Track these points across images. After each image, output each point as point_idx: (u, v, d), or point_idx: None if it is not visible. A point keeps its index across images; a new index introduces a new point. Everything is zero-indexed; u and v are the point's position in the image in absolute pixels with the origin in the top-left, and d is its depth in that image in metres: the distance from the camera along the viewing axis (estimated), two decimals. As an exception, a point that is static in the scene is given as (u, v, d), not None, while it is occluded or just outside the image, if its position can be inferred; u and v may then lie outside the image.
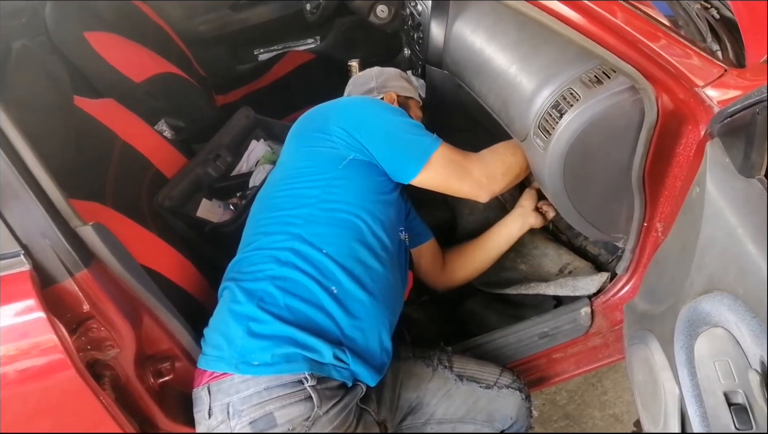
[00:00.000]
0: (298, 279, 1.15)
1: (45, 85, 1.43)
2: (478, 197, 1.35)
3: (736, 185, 0.93)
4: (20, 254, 1.00)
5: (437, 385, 1.36)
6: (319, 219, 1.22)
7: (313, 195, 1.24)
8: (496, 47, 1.37)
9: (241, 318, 1.12)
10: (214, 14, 2.66)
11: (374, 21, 2.08)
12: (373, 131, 1.30)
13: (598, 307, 1.52)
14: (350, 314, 1.16)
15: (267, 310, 1.12)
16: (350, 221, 1.23)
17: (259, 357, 1.08)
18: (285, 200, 1.27)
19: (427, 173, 1.29)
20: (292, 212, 1.23)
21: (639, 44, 1.08)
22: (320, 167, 1.28)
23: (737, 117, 0.94)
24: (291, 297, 1.13)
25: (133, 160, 1.62)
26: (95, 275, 1.05)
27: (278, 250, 1.19)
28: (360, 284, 1.18)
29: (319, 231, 1.20)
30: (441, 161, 1.30)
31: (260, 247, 1.22)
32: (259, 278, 1.16)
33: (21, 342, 1.01)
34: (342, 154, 1.28)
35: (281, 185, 1.31)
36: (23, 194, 0.99)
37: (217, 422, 1.09)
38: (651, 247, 1.34)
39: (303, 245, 1.18)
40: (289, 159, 1.36)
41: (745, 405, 0.87)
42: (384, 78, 1.60)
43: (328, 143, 1.29)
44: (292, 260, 1.17)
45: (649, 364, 1.14)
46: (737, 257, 0.88)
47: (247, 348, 1.09)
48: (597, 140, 1.20)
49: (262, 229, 1.26)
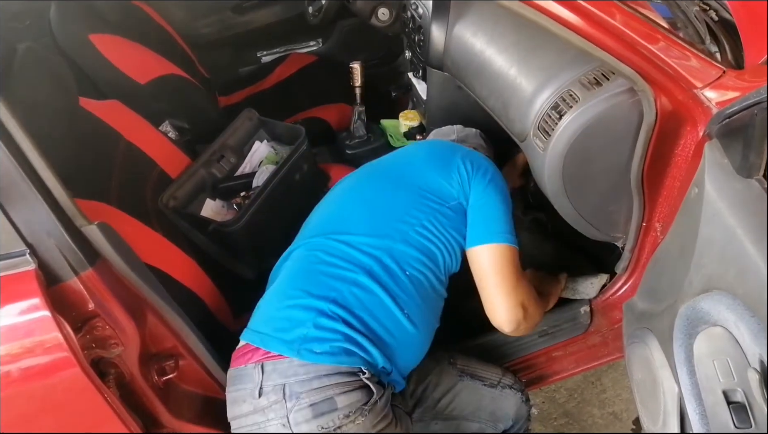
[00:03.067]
0: (376, 293, 1.15)
1: (50, 86, 1.44)
2: (503, 319, 1.24)
3: (735, 186, 0.93)
4: (26, 253, 1.01)
5: (441, 379, 1.37)
6: (412, 242, 1.21)
7: (415, 219, 1.23)
8: (496, 49, 1.38)
9: (310, 310, 1.13)
10: (217, 17, 2.67)
11: (376, 24, 2.09)
12: (487, 185, 1.29)
13: (598, 306, 1.53)
14: (409, 340, 1.18)
15: (337, 313, 1.12)
16: (435, 254, 1.23)
17: (321, 346, 1.09)
18: (387, 211, 1.26)
19: (493, 251, 1.24)
20: (391, 224, 1.23)
21: (638, 46, 1.08)
22: (432, 197, 1.27)
23: (736, 118, 0.95)
24: (363, 310, 1.14)
25: (138, 160, 1.63)
26: (100, 274, 1.06)
27: (366, 256, 1.18)
28: (429, 315, 1.22)
29: (408, 252, 1.20)
30: (509, 255, 1.24)
31: (350, 243, 1.20)
32: (338, 278, 1.16)
33: (26, 341, 1.02)
34: (453, 193, 1.28)
35: (389, 190, 1.30)
36: (29, 193, 1.00)
37: (269, 402, 1.09)
38: (650, 247, 1.34)
39: (390, 261, 1.18)
40: (408, 170, 1.34)
41: (744, 404, 0.87)
42: (465, 134, 1.62)
43: (447, 176, 1.29)
44: (377, 273, 1.17)
45: (649, 363, 1.15)
46: (736, 257, 0.88)
47: (311, 336, 1.10)
48: (596, 141, 1.20)
49: (356, 223, 1.25)
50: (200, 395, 1.33)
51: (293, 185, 1.79)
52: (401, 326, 1.17)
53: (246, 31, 2.70)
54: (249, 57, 2.80)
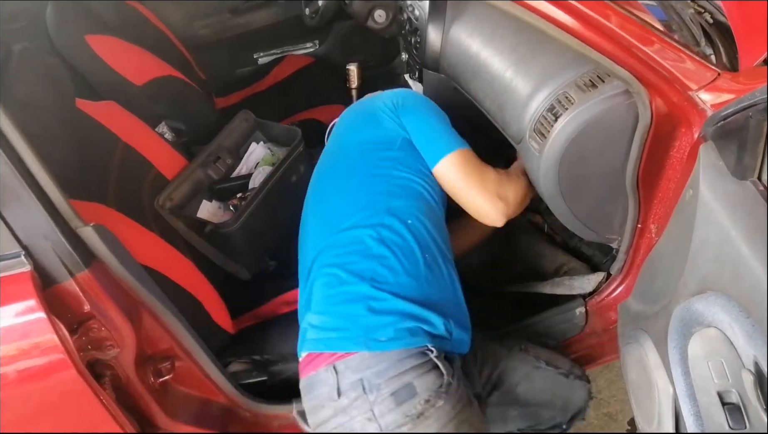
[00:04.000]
0: (399, 254, 1.16)
1: (46, 87, 1.43)
2: (492, 216, 1.31)
3: (729, 188, 0.94)
4: (21, 254, 1.01)
5: (515, 364, 1.36)
6: (398, 193, 1.24)
7: (385, 174, 1.27)
8: (493, 51, 1.38)
9: (359, 299, 1.13)
10: (214, 18, 2.66)
11: (372, 25, 2.09)
12: (414, 110, 1.35)
13: (593, 307, 1.53)
14: (444, 282, 1.20)
15: (381, 289, 1.12)
16: (419, 192, 1.26)
17: (385, 333, 1.09)
18: (359, 180, 1.28)
19: (450, 162, 1.30)
20: (372, 189, 1.26)
21: (633, 48, 1.09)
22: (380, 147, 1.31)
23: (730, 120, 0.95)
24: (399, 274, 1.14)
25: (135, 161, 1.63)
26: (96, 275, 1.06)
27: (370, 228, 1.19)
28: (441, 252, 1.22)
29: (400, 204, 1.22)
30: (465, 158, 1.31)
31: (350, 227, 1.21)
32: (363, 258, 1.16)
33: (22, 342, 1.02)
34: (392, 133, 1.32)
35: (347, 169, 1.33)
36: (24, 195, 1.00)
37: (350, 400, 1.08)
38: (645, 248, 1.35)
39: (392, 220, 1.20)
40: (344, 143, 1.39)
41: (738, 405, 0.88)
42: None
43: (376, 122, 1.34)
44: (387, 236, 1.18)
45: (643, 363, 1.15)
46: (731, 259, 0.88)
47: (372, 324, 1.10)
48: (591, 143, 1.21)
49: (343, 211, 1.25)
50: (197, 396, 1.33)
51: (290, 186, 1.79)
52: (434, 270, 1.18)
53: (243, 32, 2.70)
54: (246, 58, 2.80)
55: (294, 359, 1.49)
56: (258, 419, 1.39)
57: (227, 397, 1.34)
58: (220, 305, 1.55)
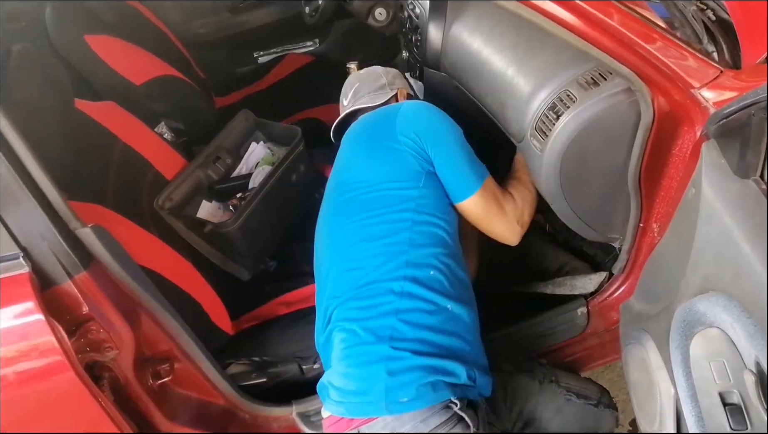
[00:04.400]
0: (420, 307, 1.14)
1: (45, 87, 1.43)
2: (510, 240, 1.36)
3: (732, 186, 0.93)
4: (19, 256, 1.01)
5: (547, 398, 1.34)
6: (420, 242, 1.20)
7: (407, 219, 1.21)
8: (494, 50, 1.37)
9: (378, 360, 1.10)
10: (213, 17, 2.66)
11: (373, 24, 2.08)
12: (441, 142, 1.30)
13: (595, 307, 1.52)
14: (466, 328, 1.17)
15: (401, 347, 1.10)
16: (441, 236, 1.22)
17: (406, 393, 1.07)
18: (381, 228, 1.23)
19: (476, 201, 1.29)
20: (393, 239, 1.20)
21: (635, 46, 1.08)
22: (404, 186, 1.25)
23: (733, 118, 0.94)
24: (418, 329, 1.12)
25: (134, 162, 1.63)
26: (94, 277, 1.06)
27: (391, 281, 1.16)
28: (462, 297, 1.20)
29: (423, 253, 1.19)
30: (489, 191, 1.31)
31: (369, 282, 1.17)
32: (381, 314, 1.13)
33: (20, 344, 1.02)
34: (416, 168, 1.27)
35: (366, 209, 1.26)
36: (22, 196, 1.00)
37: None
38: (647, 248, 1.34)
39: (414, 271, 1.16)
40: (364, 176, 1.31)
41: (740, 405, 0.87)
42: (391, 76, 1.62)
43: (399, 155, 1.28)
44: (408, 290, 1.15)
45: (645, 364, 1.14)
46: (733, 258, 0.88)
47: (392, 386, 1.07)
48: (593, 141, 1.20)
49: (363, 262, 1.21)
50: (196, 398, 1.32)
51: (290, 186, 1.78)
52: (455, 316, 1.16)
53: (242, 31, 2.69)
54: (245, 57, 2.80)
55: (293, 360, 1.49)
56: (257, 421, 1.39)
57: (226, 399, 1.34)
58: (219, 307, 1.54)
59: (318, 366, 1.49)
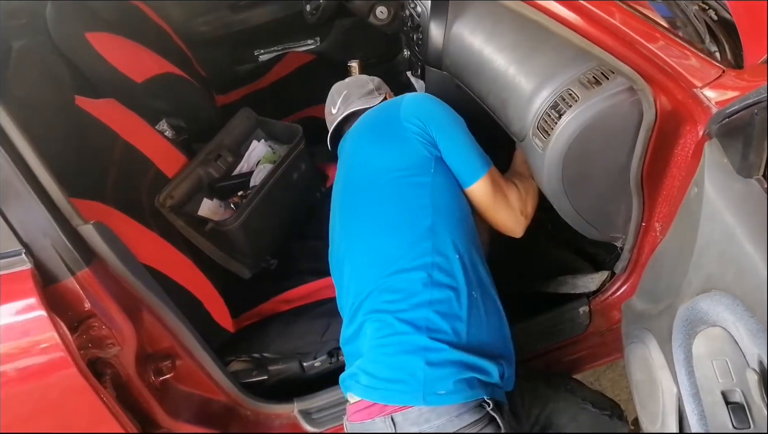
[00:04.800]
0: (452, 297, 1.13)
1: (46, 85, 1.43)
2: (515, 231, 1.39)
3: (734, 186, 0.93)
4: (21, 252, 1.01)
5: (563, 405, 1.34)
6: (443, 225, 1.20)
7: (427, 205, 1.22)
8: (495, 48, 1.37)
9: (416, 350, 1.09)
10: (214, 15, 2.65)
11: (374, 22, 2.08)
12: (446, 127, 1.32)
13: (597, 306, 1.52)
14: (493, 317, 1.18)
15: (438, 339, 1.09)
16: (460, 222, 1.23)
17: (444, 386, 1.07)
18: (400, 217, 1.23)
19: (483, 185, 1.31)
20: (415, 224, 1.20)
21: (637, 45, 1.08)
22: (416, 172, 1.26)
23: (735, 118, 0.94)
24: (451, 319, 1.12)
25: (135, 159, 1.62)
26: (96, 273, 1.06)
27: (419, 269, 1.15)
28: (485, 283, 1.21)
29: (446, 238, 1.19)
30: (494, 179, 1.33)
31: (398, 271, 1.17)
32: (415, 306, 1.13)
33: (22, 341, 1.02)
34: (425, 154, 1.27)
35: (382, 200, 1.26)
36: (24, 193, 1.00)
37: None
38: (649, 247, 1.34)
39: (440, 258, 1.16)
40: (374, 167, 1.31)
41: (742, 404, 0.87)
42: (377, 82, 1.63)
43: (406, 143, 1.28)
44: (437, 279, 1.14)
45: (647, 363, 1.14)
46: (735, 257, 0.88)
47: (430, 378, 1.07)
48: (595, 140, 1.20)
49: (388, 251, 1.20)
50: (197, 395, 1.32)
51: (291, 184, 1.78)
52: (485, 306, 1.17)
53: (243, 29, 2.69)
54: (246, 56, 2.79)
55: (294, 357, 1.49)
56: (259, 418, 1.39)
57: (228, 396, 1.34)
58: (220, 304, 1.54)
59: (319, 364, 1.49)
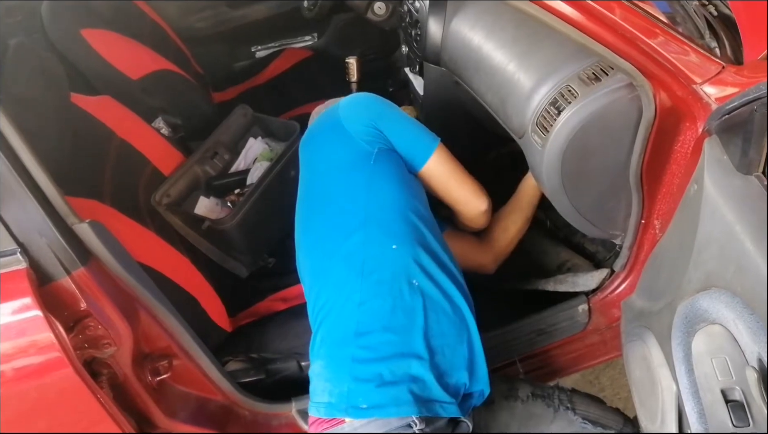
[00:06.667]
0: (384, 303, 1.10)
1: (42, 82, 1.42)
2: (477, 207, 1.37)
3: (734, 182, 0.93)
4: (17, 252, 1.00)
5: (560, 426, 1.26)
6: (375, 227, 1.16)
7: (360, 207, 1.19)
8: (494, 44, 1.36)
9: (344, 362, 1.08)
10: (211, 11, 2.64)
11: (372, 18, 2.07)
12: (387, 117, 1.32)
13: (596, 304, 1.52)
14: (443, 323, 1.13)
15: (365, 346, 1.07)
16: (408, 224, 1.18)
17: (366, 399, 1.04)
18: (335, 219, 1.21)
19: (437, 158, 1.31)
20: (348, 225, 1.17)
21: (637, 41, 1.07)
22: (352, 175, 1.23)
23: (735, 114, 0.94)
24: (381, 318, 1.09)
25: (131, 157, 1.62)
26: (92, 273, 1.05)
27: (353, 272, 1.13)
28: (437, 280, 1.15)
29: (379, 237, 1.15)
30: (445, 154, 1.33)
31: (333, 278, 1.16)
32: (347, 309, 1.11)
33: (18, 341, 1.01)
34: (366, 150, 1.25)
35: (324, 207, 1.25)
36: (19, 191, 0.99)
37: None
38: (648, 244, 1.34)
39: (371, 254, 1.14)
40: (320, 180, 1.30)
41: (742, 402, 0.87)
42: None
43: (349, 145, 1.26)
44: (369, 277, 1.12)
45: (647, 361, 1.14)
46: (735, 255, 0.88)
47: (354, 391, 1.05)
48: (595, 137, 1.19)
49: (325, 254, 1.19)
50: (194, 395, 1.32)
51: (288, 181, 1.77)
52: (427, 305, 1.11)
53: (240, 25, 2.68)
54: (243, 52, 2.79)
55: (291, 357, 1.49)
56: (257, 418, 1.39)
57: (225, 396, 1.34)
58: (217, 304, 1.54)
59: (317, 363, 1.49)
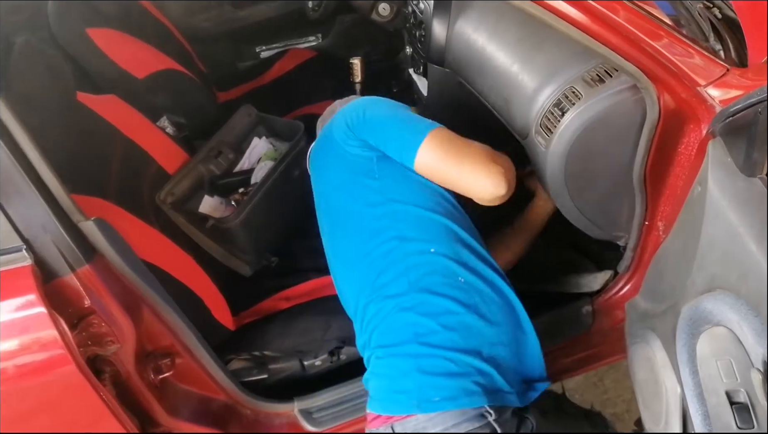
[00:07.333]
0: (438, 303, 1.11)
1: (47, 80, 1.42)
2: (491, 180, 1.14)
3: (738, 185, 0.93)
4: (22, 248, 1.01)
5: None
6: (410, 233, 1.17)
7: (386, 218, 1.20)
8: (498, 45, 1.37)
9: (407, 357, 1.08)
10: (216, 11, 2.65)
11: (376, 19, 2.08)
12: (372, 124, 1.26)
13: (600, 305, 1.52)
14: (496, 314, 1.15)
15: (427, 343, 1.07)
16: (437, 224, 1.19)
17: (437, 393, 1.04)
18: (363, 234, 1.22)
19: (426, 149, 1.17)
20: (381, 238, 1.18)
21: (641, 43, 1.07)
22: (364, 193, 1.24)
23: (739, 116, 0.94)
24: (440, 316, 1.10)
25: (136, 156, 1.62)
26: (97, 270, 1.06)
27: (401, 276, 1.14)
28: (486, 276, 1.17)
29: (417, 243, 1.16)
30: (440, 136, 1.18)
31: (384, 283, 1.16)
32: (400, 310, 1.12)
33: (22, 337, 1.02)
34: (366, 165, 1.25)
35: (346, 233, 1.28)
36: (25, 188, 1.00)
37: None
38: (652, 246, 1.34)
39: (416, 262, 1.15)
40: (335, 200, 1.32)
41: (747, 404, 0.87)
42: (347, 98, 1.62)
43: (350, 163, 1.27)
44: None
45: (651, 363, 1.14)
46: (739, 257, 0.88)
47: (423, 385, 1.05)
48: (599, 138, 1.19)
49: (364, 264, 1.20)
50: (197, 393, 1.32)
51: (292, 181, 1.78)
52: (483, 299, 1.13)
53: (245, 25, 2.68)
54: (248, 52, 2.79)
55: (294, 356, 1.49)
56: (259, 417, 1.39)
57: (228, 394, 1.34)
58: (220, 302, 1.54)
59: (320, 362, 1.49)
